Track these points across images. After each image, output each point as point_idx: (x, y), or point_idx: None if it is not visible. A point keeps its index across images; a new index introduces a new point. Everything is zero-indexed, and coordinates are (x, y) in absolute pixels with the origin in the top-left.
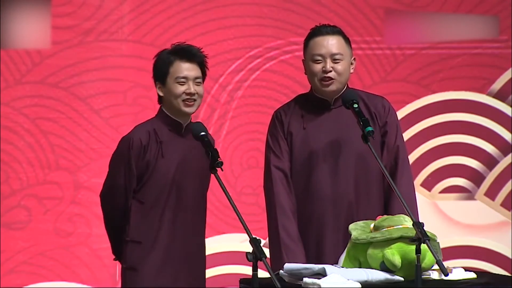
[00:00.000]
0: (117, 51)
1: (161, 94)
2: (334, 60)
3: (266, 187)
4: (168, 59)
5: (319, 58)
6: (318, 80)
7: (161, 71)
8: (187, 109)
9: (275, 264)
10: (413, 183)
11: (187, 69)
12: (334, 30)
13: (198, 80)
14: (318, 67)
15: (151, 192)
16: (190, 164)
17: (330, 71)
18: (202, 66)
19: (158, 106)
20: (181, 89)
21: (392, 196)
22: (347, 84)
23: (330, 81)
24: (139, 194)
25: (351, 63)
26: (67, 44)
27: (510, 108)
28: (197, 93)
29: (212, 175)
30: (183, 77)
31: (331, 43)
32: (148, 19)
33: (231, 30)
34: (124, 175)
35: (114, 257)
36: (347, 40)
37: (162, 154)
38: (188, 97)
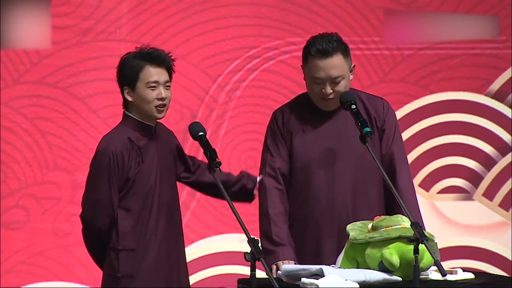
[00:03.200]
0: (115, 51)
1: (130, 99)
2: (334, 84)
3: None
4: (138, 64)
5: (319, 81)
6: (318, 98)
7: (130, 76)
8: (159, 115)
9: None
10: (412, 183)
11: (158, 73)
12: (332, 47)
13: (168, 84)
14: (318, 88)
15: (137, 199)
16: (164, 166)
17: (331, 93)
18: (170, 70)
19: None
20: (153, 94)
21: (393, 197)
22: None
23: (330, 100)
24: (124, 202)
25: (351, 71)
26: (65, 44)
27: (508, 109)
28: (167, 97)
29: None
30: (154, 82)
31: (331, 67)
32: (146, 19)
33: (229, 30)
34: (109, 189)
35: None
36: (346, 53)
37: (142, 159)
38: (160, 102)
